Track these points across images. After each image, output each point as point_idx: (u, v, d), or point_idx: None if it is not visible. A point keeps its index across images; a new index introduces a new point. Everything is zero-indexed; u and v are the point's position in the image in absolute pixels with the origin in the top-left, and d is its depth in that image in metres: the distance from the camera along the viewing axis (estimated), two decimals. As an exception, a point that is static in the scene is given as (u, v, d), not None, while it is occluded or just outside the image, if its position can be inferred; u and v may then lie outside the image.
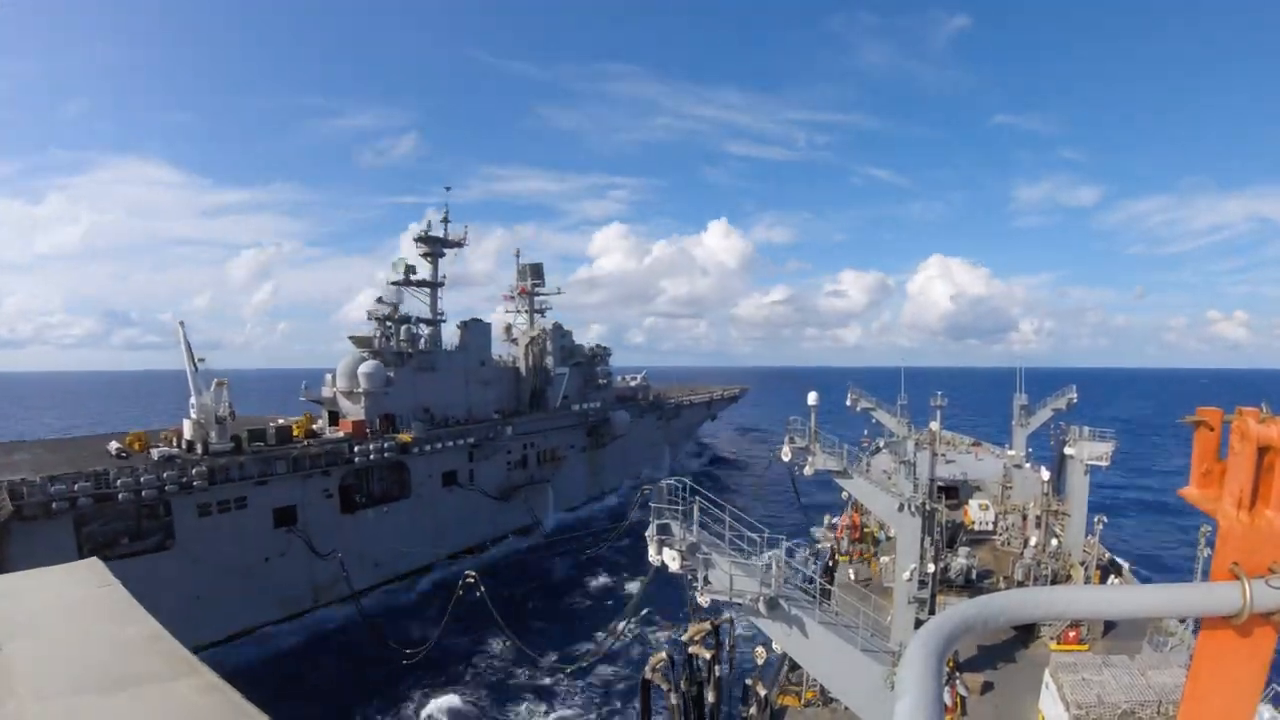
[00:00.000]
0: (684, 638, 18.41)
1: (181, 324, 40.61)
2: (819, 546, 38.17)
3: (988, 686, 22.55)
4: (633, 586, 47.35)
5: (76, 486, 31.56)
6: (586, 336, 78.57)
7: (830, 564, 34.92)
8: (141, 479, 33.48)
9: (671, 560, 14.53)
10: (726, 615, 17.60)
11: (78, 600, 4.55)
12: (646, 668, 18.10)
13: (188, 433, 40.27)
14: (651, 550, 14.82)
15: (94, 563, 5.54)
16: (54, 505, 30.64)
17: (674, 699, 17.93)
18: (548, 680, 34.76)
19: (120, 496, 32.58)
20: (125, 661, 3.54)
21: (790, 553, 14.55)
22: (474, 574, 29.77)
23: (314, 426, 49.05)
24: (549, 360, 68.85)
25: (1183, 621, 22.04)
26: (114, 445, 41.05)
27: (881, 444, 48.72)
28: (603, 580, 50.27)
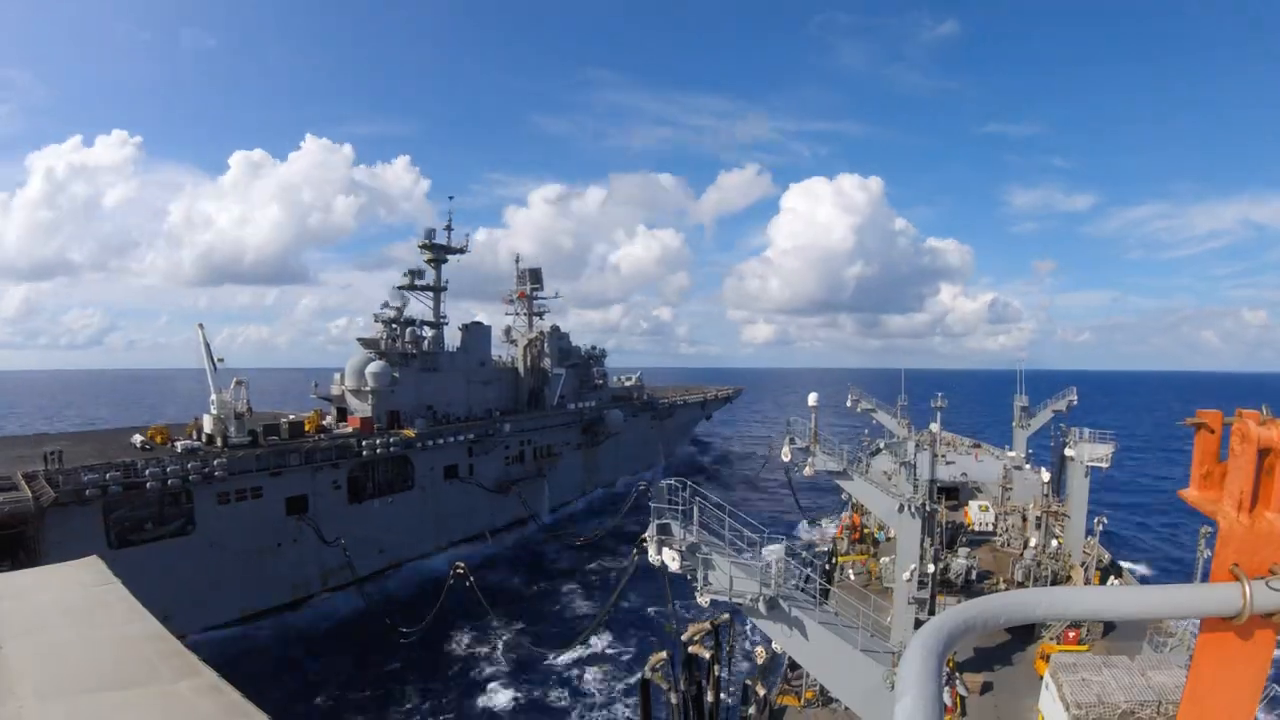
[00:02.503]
0: (684, 637, 18.40)
1: (201, 326, 44.01)
2: (818, 550, 38.19)
3: (987, 686, 22.58)
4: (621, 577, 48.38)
5: (108, 475, 33.72)
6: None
7: (830, 564, 34.95)
8: (167, 469, 35.74)
9: (671, 560, 14.52)
10: (726, 615, 17.61)
11: (78, 599, 4.54)
12: (646, 667, 18.09)
13: (208, 427, 43.12)
14: (651, 550, 14.80)
15: (94, 561, 5.53)
16: (87, 493, 32.48)
17: (674, 699, 17.92)
18: (541, 665, 35.70)
19: (148, 485, 34.94)
20: (125, 661, 3.53)
21: (791, 552, 14.56)
22: (463, 565, 30.78)
23: (324, 422, 51.75)
24: (546, 361, 71.42)
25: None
26: (138, 438, 43.92)
27: (882, 445, 48.81)
28: (595, 570, 51.82)
